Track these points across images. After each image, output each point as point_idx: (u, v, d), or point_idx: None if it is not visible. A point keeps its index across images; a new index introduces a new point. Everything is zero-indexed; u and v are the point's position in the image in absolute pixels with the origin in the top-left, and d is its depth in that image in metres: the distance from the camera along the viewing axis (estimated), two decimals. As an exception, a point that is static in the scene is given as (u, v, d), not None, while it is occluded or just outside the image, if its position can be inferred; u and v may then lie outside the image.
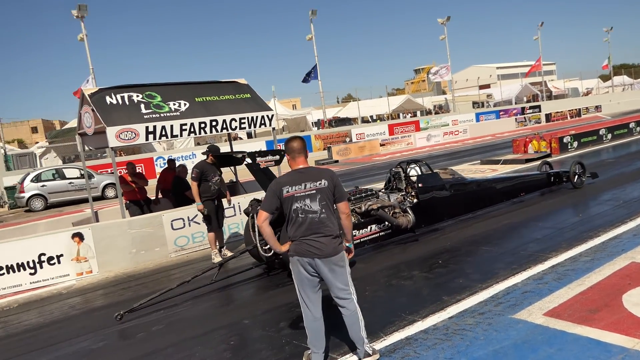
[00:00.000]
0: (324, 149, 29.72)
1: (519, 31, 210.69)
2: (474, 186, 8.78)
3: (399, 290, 5.76)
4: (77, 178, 20.46)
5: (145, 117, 8.58)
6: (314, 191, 3.93)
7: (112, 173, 22.19)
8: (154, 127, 8.52)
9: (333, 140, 31.49)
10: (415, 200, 7.84)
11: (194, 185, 7.98)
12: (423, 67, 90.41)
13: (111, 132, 8.12)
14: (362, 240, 7.26)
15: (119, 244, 8.38)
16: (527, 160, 15.31)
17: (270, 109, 10.14)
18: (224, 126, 9.24)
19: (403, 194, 7.94)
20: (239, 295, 6.35)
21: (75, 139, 10.35)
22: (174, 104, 9.02)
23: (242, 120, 9.45)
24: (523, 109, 41.82)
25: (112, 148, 8.39)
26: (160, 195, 10.91)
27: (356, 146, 28.78)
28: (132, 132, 8.29)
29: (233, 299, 6.23)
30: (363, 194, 7.64)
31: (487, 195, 8.97)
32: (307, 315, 4.08)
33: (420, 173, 8.12)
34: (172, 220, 8.80)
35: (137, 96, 8.87)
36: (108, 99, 8.62)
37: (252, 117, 9.58)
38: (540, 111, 41.08)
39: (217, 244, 8.26)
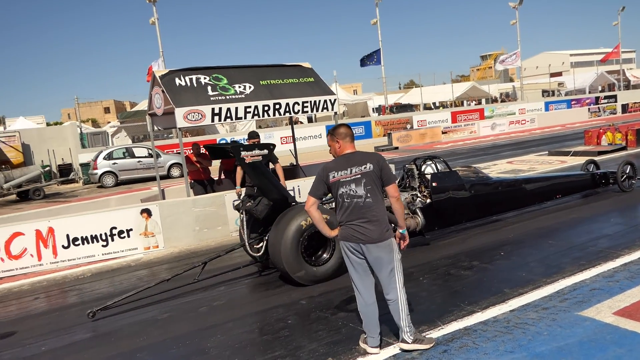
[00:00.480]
0: (384, 135, 29.46)
1: (596, 16, 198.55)
2: (499, 186, 8.02)
3: (458, 279, 5.66)
4: (145, 157, 21.39)
5: (211, 98, 8.82)
6: (359, 175, 3.92)
7: (178, 153, 23.03)
8: (220, 108, 8.74)
9: (394, 126, 31.13)
10: (428, 201, 7.23)
11: (237, 170, 8.00)
12: (490, 54, 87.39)
13: (179, 113, 8.41)
14: None
15: (184, 221, 8.71)
16: (600, 153, 14.52)
17: (333, 93, 10.15)
18: (287, 109, 9.35)
19: (413, 193, 7.31)
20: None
21: (144, 120, 10.80)
22: (239, 87, 9.21)
23: (305, 104, 9.52)
24: (597, 98, 39.57)
25: (179, 128, 8.69)
26: (222, 176, 11.22)
27: (417, 133, 28.32)
28: (199, 113, 8.55)
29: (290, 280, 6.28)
30: None
31: (515, 196, 8.16)
32: (359, 300, 4.12)
33: (435, 171, 7.49)
34: (234, 200, 9.02)
35: (205, 78, 9.12)
36: (177, 81, 8.92)
37: (315, 101, 9.63)
38: (616, 101, 38.76)
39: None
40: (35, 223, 8.00)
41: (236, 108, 8.90)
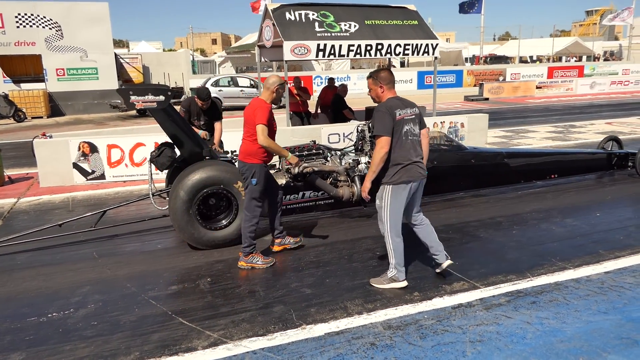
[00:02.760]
0: (475, 85, 27.83)
1: None
2: (472, 159, 6.58)
3: (549, 234, 5.28)
4: (247, 87, 21.77)
5: (318, 35, 8.61)
6: (414, 116, 3.98)
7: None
8: (325, 45, 8.53)
9: (486, 77, 29.25)
10: None
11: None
12: (597, 9, 78.39)
13: (287, 46, 8.30)
14: (289, 207, 5.90)
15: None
16: None
17: (436, 38, 9.54)
18: (389, 50, 8.95)
19: (355, 158, 5.90)
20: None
21: (247, 53, 10.80)
22: (345, 25, 8.88)
23: (407, 47, 9.04)
24: None
25: (286, 61, 8.61)
26: (319, 111, 11.16)
27: (510, 86, 26.42)
28: (305, 48, 8.39)
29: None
30: (305, 152, 5.86)
31: (491, 172, 6.77)
32: (399, 239, 4.06)
33: None
34: (329, 135, 8.97)
35: (313, 14, 8.87)
36: (287, 15, 8.75)
37: (417, 45, 9.12)
38: None
39: None
40: (154, 136, 8.41)
41: (340, 46, 8.63)
